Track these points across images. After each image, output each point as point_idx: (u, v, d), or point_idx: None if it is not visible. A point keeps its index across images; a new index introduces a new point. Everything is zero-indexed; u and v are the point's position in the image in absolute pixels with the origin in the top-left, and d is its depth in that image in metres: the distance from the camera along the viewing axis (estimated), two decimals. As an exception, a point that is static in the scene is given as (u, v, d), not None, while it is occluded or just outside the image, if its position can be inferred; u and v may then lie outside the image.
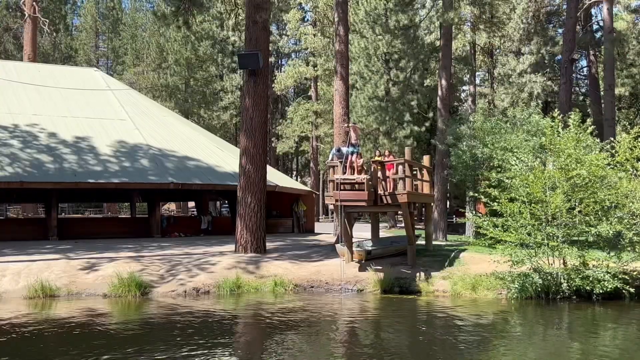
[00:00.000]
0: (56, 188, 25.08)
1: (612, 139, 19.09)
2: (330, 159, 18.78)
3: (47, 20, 44.56)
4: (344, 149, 18.10)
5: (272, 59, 57.98)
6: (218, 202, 47.43)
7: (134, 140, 28.57)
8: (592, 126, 17.29)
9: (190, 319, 12.88)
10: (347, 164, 17.53)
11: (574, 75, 43.45)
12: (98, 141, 27.70)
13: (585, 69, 51.60)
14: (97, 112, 30.22)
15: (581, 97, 51.88)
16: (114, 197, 36.11)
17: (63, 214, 52.47)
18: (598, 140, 18.26)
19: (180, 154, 28.65)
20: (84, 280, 15.88)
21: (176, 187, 26.29)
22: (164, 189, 26.92)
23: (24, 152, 25.28)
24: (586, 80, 51.47)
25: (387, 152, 20.71)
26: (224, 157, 29.84)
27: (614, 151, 16.82)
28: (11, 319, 12.45)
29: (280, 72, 63.38)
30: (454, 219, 41.58)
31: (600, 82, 42.94)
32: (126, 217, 39.79)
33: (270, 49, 30.40)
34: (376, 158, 17.83)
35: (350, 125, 19.08)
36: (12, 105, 28.81)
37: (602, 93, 38.56)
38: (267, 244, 20.39)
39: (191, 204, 52.42)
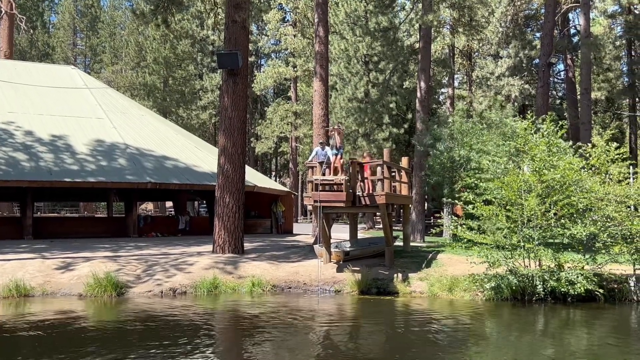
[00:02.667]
0: (32, 187, 24.80)
1: (582, 143, 19.35)
2: (310, 159, 18.80)
3: (24, 17, 43.98)
4: (328, 150, 18.13)
5: (251, 59, 57.94)
6: (196, 202, 47.19)
7: (111, 139, 28.34)
8: (564, 129, 17.48)
9: (166, 319, 12.82)
10: (330, 165, 17.58)
11: (551, 78, 43.96)
12: (75, 140, 27.42)
13: (562, 73, 52.23)
14: (74, 111, 29.93)
15: (558, 101, 52.52)
16: (91, 196, 35.79)
17: (39, 213, 51.90)
18: (570, 142, 18.52)
19: (158, 153, 28.47)
20: (59, 280, 15.72)
21: (154, 187, 26.14)
22: (142, 188, 26.75)
23: (-1, 150, 24.97)
24: (563, 84, 52.13)
25: (365, 154, 20.77)
26: (202, 157, 29.72)
27: (587, 155, 17.08)
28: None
29: (260, 72, 63.26)
30: (432, 220, 41.83)
31: (577, 85, 43.48)
32: (103, 217, 39.44)
33: (250, 48, 30.33)
34: (361, 159, 17.88)
35: (335, 127, 19.08)
36: (-13, 103, 28.42)
37: (578, 97, 39.03)
38: (246, 244, 20.35)
39: (169, 203, 52.18)
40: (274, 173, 79.30)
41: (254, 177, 30.74)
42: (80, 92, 31.76)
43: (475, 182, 17.53)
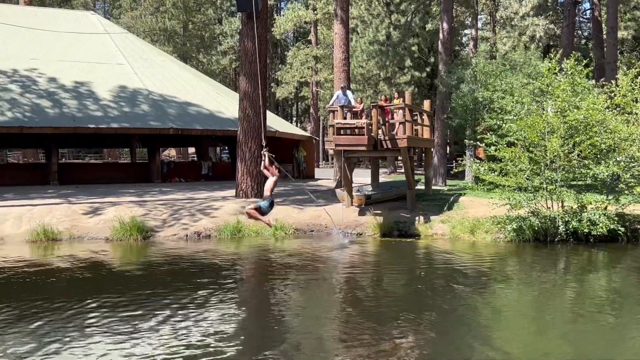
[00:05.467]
0: (56, 133, 25.05)
1: (606, 81, 18.96)
2: (331, 103, 18.70)
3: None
4: (349, 94, 18.07)
5: (271, 2, 57.09)
6: (218, 148, 47.41)
7: (133, 85, 28.40)
8: (588, 69, 17.14)
9: (191, 261, 13.10)
10: (351, 109, 17.53)
11: (576, 18, 42.85)
12: (97, 86, 27.52)
13: (588, 12, 50.83)
14: (95, 57, 29.93)
15: (583, 41, 51.33)
16: (114, 142, 36.04)
17: (63, 159, 52.48)
18: (593, 82, 18.18)
19: (181, 99, 28.52)
20: (85, 225, 16.05)
21: (176, 133, 26.28)
22: (164, 134, 26.90)
23: (24, 97, 25.17)
24: (589, 23, 50.80)
25: (383, 98, 20.63)
26: (223, 103, 29.71)
27: (611, 94, 16.80)
28: (15, 262, 12.65)
29: (280, 15, 62.47)
30: (454, 164, 41.68)
31: (603, 25, 42.39)
32: (126, 163, 39.84)
33: (269, -9, 29.97)
34: (382, 102, 17.79)
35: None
36: (10, 49, 28.51)
37: (604, 36, 38.12)
38: (268, 188, 20.47)
39: (191, 149, 52.45)
40: (294, 118, 79.12)
41: (275, 122, 30.74)
42: (101, 38, 31.68)
43: (498, 123, 17.37)
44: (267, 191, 11.79)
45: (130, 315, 8.53)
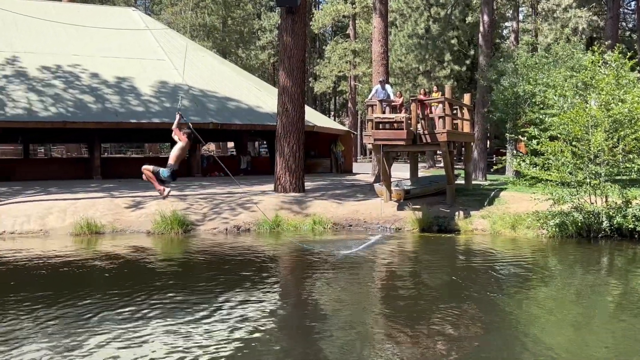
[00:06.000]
0: (99, 128, 25.51)
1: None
2: (370, 97, 18.63)
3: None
4: (388, 88, 17.98)
5: (309, -3, 57.10)
6: (256, 142, 47.70)
7: (173, 80, 28.74)
8: (633, 61, 16.73)
9: (231, 254, 13.22)
10: (390, 103, 17.45)
11: (621, 9, 41.84)
12: (139, 81, 27.93)
13: (632, 3, 49.66)
14: (137, 53, 30.37)
15: (628, 32, 50.15)
16: (155, 137, 36.59)
17: (106, 153, 53.49)
18: (638, 75, 17.75)
19: (220, 94, 28.77)
20: (127, 218, 16.32)
21: (216, 127, 26.52)
22: (204, 129, 27.14)
23: (67, 92, 25.68)
24: (633, 15, 49.61)
25: (422, 91, 20.46)
26: (262, 97, 29.86)
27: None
28: (60, 254, 12.93)
29: (318, 9, 62.43)
30: (494, 158, 41.20)
31: (649, 16, 41.33)
32: (167, 157, 40.33)
33: (307, -14, 29.95)
34: (422, 97, 17.66)
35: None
36: (54, 46, 29.11)
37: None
38: (306, 183, 20.56)
39: (230, 144, 52.90)
40: (332, 113, 79.08)
41: (313, 116, 30.77)
42: (142, 34, 32.13)
43: (540, 117, 17.09)
44: (171, 159, 11.39)
45: (173, 307, 8.64)
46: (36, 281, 10.54)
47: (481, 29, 28.58)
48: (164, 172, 11.10)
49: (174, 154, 11.33)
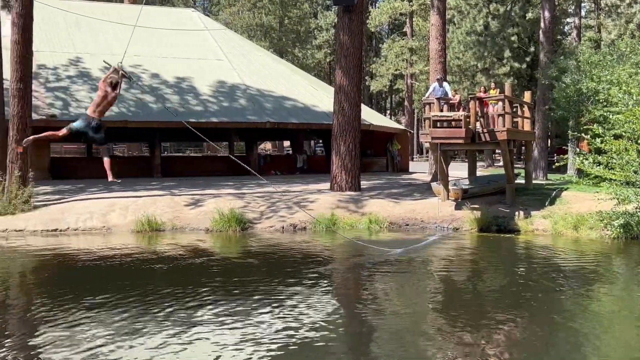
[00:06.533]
0: (159, 127, 26.04)
1: None
2: (427, 95, 18.45)
3: (146, -37, 45.39)
4: (446, 86, 17.78)
5: (366, -5, 56.95)
6: (312, 141, 47.87)
7: (231, 80, 29.11)
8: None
9: (289, 252, 13.28)
10: (448, 101, 17.23)
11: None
12: (198, 81, 28.40)
13: None
14: (196, 53, 30.88)
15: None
16: (213, 136, 37.09)
17: (165, 152, 54.58)
18: None
19: (277, 93, 28.99)
20: (187, 216, 16.59)
21: (272, 127, 26.75)
22: (261, 128, 27.43)
23: (129, 92, 26.30)
24: None
25: (482, 89, 20.15)
26: (318, 96, 29.93)
27: None
28: (124, 250, 13.24)
29: (375, 7, 62.21)
30: (555, 157, 40.26)
31: None
32: (225, 156, 40.89)
33: (364, -16, 29.88)
34: (477, 94, 17.41)
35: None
36: (115, 47, 29.83)
37: None
38: (362, 182, 20.51)
39: (286, 143, 53.25)
40: (388, 111, 78.71)
41: (369, 115, 30.68)
42: (201, 34, 32.64)
43: (604, 115, 16.58)
44: (92, 107, 9.86)
45: (236, 303, 8.72)
46: (107, 277, 10.82)
47: (542, 25, 27.95)
48: (76, 125, 9.67)
49: (95, 102, 9.83)
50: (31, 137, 10.57)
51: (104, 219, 16.15)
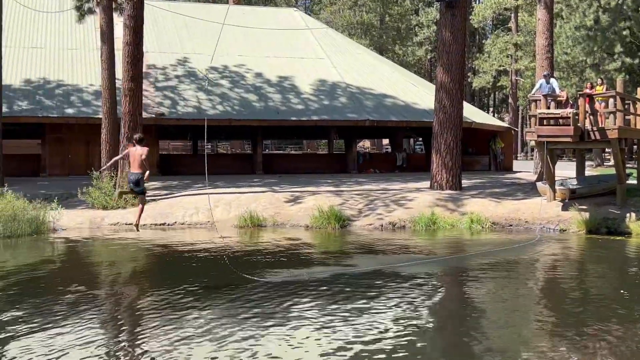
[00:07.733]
0: (261, 125, 26.63)
1: None
2: (534, 92, 17.88)
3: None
4: (553, 82, 17.17)
5: (469, -10, 55.87)
6: (411, 139, 47.41)
7: (332, 78, 29.34)
8: None
9: (387, 250, 13.21)
10: (555, 98, 16.62)
11: None
12: (299, 80, 28.82)
13: None
14: (298, 52, 31.33)
15: None
16: (313, 134, 37.55)
17: (266, 150, 55.67)
18: None
19: (377, 91, 28.96)
20: (287, 212, 16.88)
21: (372, 125, 26.76)
22: (360, 126, 27.47)
23: (233, 91, 27.08)
24: None
25: (589, 85, 19.24)
26: (418, 94, 29.64)
27: None
28: (231, 244, 13.62)
29: (478, 3, 60.91)
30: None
31: None
32: (324, 154, 41.31)
33: (467, -21, 29.29)
34: (590, 90, 16.69)
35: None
36: (221, 47, 30.70)
37: None
38: (463, 181, 20.13)
39: (385, 141, 53.04)
40: (491, 109, 76.80)
41: (471, 112, 30.06)
42: (302, 34, 33.08)
43: None
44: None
45: (335, 300, 8.79)
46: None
47: (658, 17, 26.40)
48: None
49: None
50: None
51: (208, 214, 16.67)
